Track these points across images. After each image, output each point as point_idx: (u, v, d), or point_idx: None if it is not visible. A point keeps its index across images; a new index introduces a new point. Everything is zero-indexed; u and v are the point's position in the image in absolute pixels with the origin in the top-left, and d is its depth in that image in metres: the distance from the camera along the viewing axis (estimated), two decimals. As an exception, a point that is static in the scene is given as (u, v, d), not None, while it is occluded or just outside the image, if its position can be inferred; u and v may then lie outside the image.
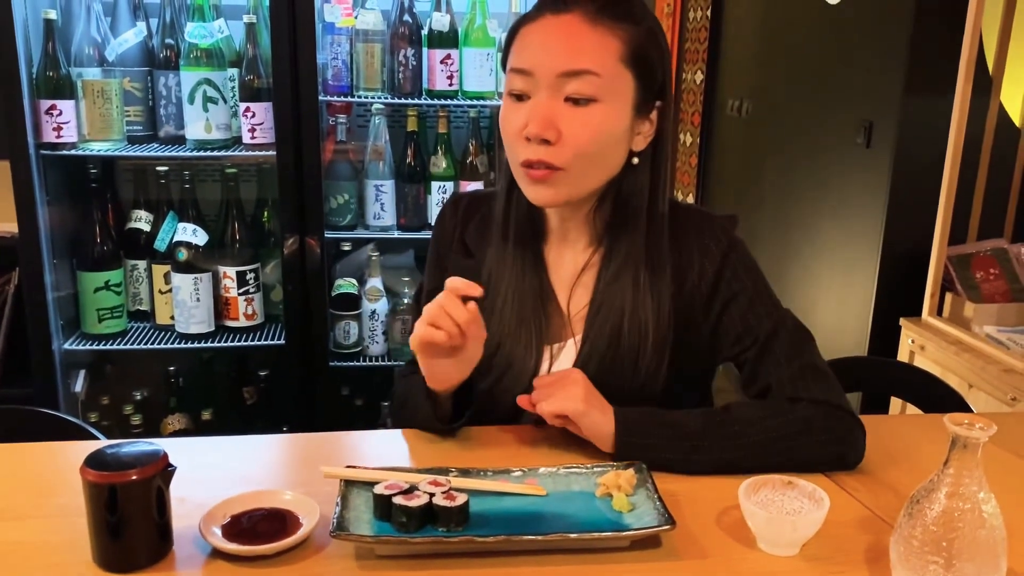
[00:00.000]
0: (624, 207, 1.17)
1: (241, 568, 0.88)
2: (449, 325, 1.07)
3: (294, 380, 2.53)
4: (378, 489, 0.95)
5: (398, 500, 0.92)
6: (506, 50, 1.15)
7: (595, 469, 1.04)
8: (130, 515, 0.86)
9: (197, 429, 2.61)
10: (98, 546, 0.87)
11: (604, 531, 0.92)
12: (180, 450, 1.15)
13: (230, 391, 2.69)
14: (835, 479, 1.08)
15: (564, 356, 1.21)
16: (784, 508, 0.93)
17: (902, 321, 2.41)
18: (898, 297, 2.53)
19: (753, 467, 1.02)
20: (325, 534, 0.90)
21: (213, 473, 1.09)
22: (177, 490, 0.91)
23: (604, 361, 1.17)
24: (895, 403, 2.26)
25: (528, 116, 1.09)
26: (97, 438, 1.33)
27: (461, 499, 0.94)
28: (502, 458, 1.12)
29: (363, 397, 2.72)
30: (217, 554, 0.89)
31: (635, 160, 1.15)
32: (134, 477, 0.85)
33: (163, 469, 0.87)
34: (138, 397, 2.61)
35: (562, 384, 1.11)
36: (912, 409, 1.70)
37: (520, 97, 1.11)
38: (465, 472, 1.03)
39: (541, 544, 0.90)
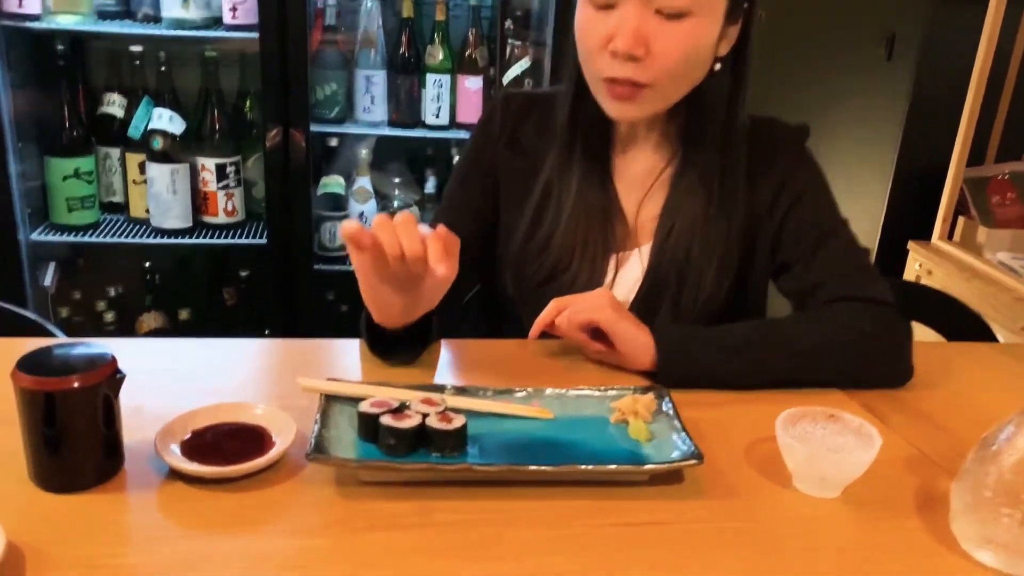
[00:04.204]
0: (701, 116, 1.12)
1: (202, 491, 0.76)
2: (393, 248, 0.87)
3: (276, 282, 2.41)
4: (363, 406, 0.83)
5: (386, 420, 0.81)
6: None
7: (609, 392, 0.92)
8: (71, 428, 0.73)
9: (174, 329, 2.52)
10: (35, 462, 0.75)
11: (621, 463, 0.81)
12: (141, 353, 1.03)
13: (209, 291, 2.57)
14: (876, 412, 0.97)
15: (629, 266, 1.15)
16: (826, 444, 0.82)
17: (910, 244, 2.34)
18: (908, 218, 2.46)
19: (803, 379, 0.99)
20: (301, 455, 0.79)
21: (176, 381, 0.97)
22: (133, 398, 0.80)
23: (670, 275, 1.13)
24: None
25: (615, 29, 1.01)
26: (54, 336, 1.20)
27: (458, 421, 0.82)
28: (504, 376, 1.00)
29: (349, 303, 2.60)
30: (175, 475, 0.77)
31: (717, 66, 1.07)
32: (75, 384, 0.72)
33: (110, 376, 0.74)
34: (112, 294, 2.51)
35: (586, 298, 1.04)
36: (930, 334, 1.61)
37: (604, 5, 1.02)
38: (462, 390, 0.91)
39: (550, 475, 0.79)
